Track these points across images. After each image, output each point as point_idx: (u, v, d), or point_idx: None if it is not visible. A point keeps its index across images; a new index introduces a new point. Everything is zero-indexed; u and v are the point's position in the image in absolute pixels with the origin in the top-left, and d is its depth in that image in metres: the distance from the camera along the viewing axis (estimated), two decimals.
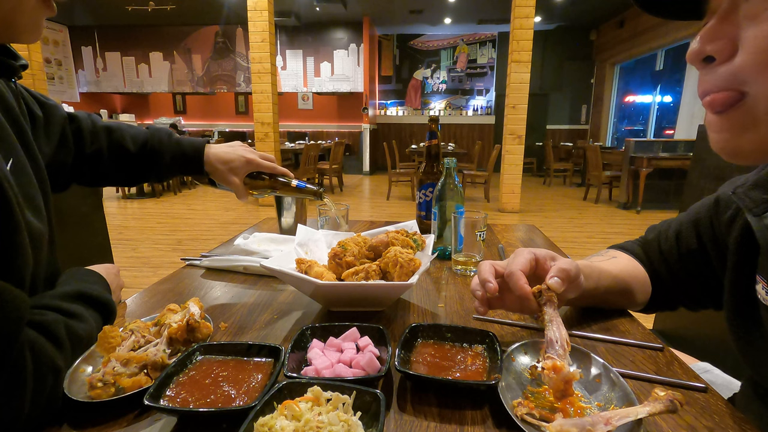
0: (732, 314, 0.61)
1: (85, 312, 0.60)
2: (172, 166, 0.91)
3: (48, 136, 0.75)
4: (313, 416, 0.43)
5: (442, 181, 1.07)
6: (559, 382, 0.48)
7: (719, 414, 0.51)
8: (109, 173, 0.88)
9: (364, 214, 5.84)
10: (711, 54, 0.41)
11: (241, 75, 10.65)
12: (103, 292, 0.66)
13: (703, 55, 0.42)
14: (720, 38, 0.40)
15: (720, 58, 0.41)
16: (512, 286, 0.61)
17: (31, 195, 0.60)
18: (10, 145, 0.60)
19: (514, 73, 5.62)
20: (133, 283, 3.12)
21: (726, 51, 0.40)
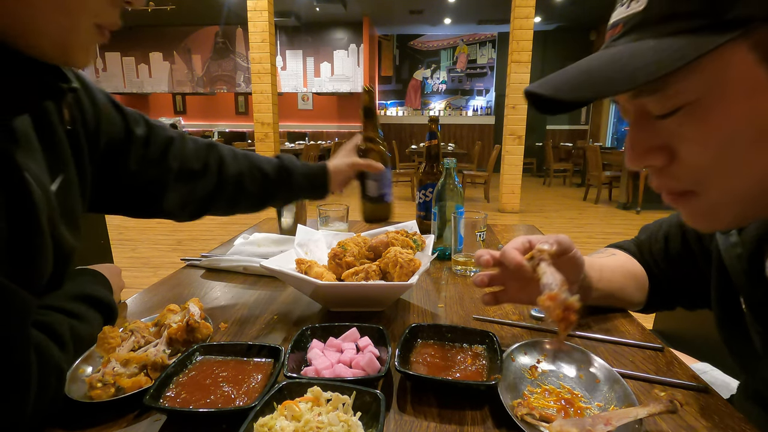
0: (720, 320, 0.62)
1: (88, 313, 0.60)
2: (302, 185, 0.99)
3: (145, 155, 0.79)
4: (313, 416, 0.43)
5: (442, 182, 1.07)
6: (558, 309, 0.47)
7: (719, 414, 0.51)
8: (247, 196, 0.95)
9: None
10: (650, 166, 0.43)
11: (241, 75, 10.65)
12: (106, 294, 0.67)
13: (643, 167, 0.43)
14: (650, 151, 0.42)
15: (661, 165, 0.42)
16: (506, 261, 0.60)
17: (72, 211, 0.63)
18: (62, 162, 0.62)
19: (514, 73, 5.62)
20: (133, 284, 3.11)
21: (662, 159, 0.41)
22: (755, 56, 0.34)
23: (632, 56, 0.36)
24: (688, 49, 0.34)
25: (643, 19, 0.37)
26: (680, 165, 0.40)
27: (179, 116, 11.34)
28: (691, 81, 0.36)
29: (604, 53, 0.39)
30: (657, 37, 0.36)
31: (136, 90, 10.96)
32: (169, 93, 11.17)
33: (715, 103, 0.36)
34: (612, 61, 0.37)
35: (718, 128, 0.37)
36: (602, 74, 0.37)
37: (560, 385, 0.55)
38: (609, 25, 0.41)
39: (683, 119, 0.38)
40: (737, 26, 0.33)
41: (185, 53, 10.69)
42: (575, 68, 0.40)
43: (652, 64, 0.34)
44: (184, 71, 10.77)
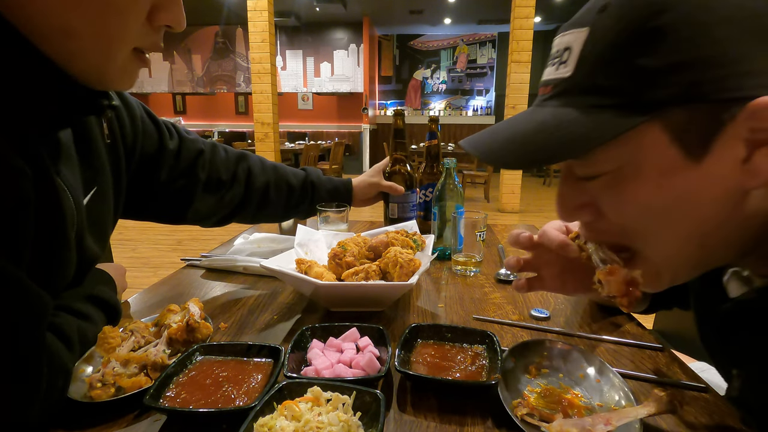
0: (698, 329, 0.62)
1: (95, 314, 0.60)
2: (325, 200, 1.06)
3: (175, 166, 0.83)
4: (313, 416, 0.43)
5: (442, 182, 1.07)
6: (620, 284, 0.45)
7: (719, 414, 0.51)
8: (272, 207, 0.99)
9: (364, 214, 5.83)
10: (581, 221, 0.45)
11: (241, 75, 10.65)
12: (112, 296, 0.67)
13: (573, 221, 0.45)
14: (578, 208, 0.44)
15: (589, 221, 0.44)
16: (548, 241, 0.55)
17: (102, 222, 0.66)
18: (98, 174, 0.65)
19: (514, 73, 5.61)
20: (133, 283, 3.10)
21: (590, 215, 0.44)
22: (668, 136, 0.36)
23: (556, 129, 0.38)
24: (607, 128, 0.36)
25: (568, 87, 0.39)
26: (606, 222, 0.43)
27: (179, 116, 11.34)
28: (609, 154, 0.38)
29: (532, 119, 0.41)
30: (580, 108, 0.38)
31: (136, 90, 10.94)
32: (169, 93, 11.16)
33: (631, 176, 0.39)
34: (538, 131, 0.39)
35: (633, 199, 0.39)
36: (527, 147, 0.39)
37: (560, 385, 0.55)
38: (541, 82, 0.44)
39: (603, 185, 0.41)
40: (653, 107, 0.35)
41: (185, 53, 10.68)
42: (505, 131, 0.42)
43: (572, 142, 0.37)
44: (184, 71, 10.77)
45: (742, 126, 0.34)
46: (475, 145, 0.43)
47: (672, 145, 0.36)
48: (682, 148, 0.36)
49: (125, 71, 0.51)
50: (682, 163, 0.36)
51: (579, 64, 0.38)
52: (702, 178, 0.36)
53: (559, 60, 0.40)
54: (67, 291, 0.59)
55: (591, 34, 0.37)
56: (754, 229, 0.39)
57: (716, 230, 0.39)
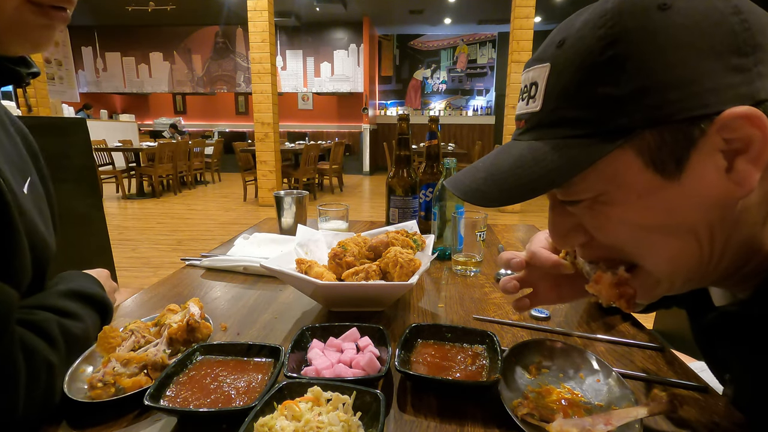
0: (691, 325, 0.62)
1: (81, 310, 0.60)
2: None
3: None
4: (313, 416, 0.43)
5: (442, 182, 1.07)
6: (610, 289, 0.45)
7: (719, 414, 0.51)
8: None
9: (364, 214, 5.83)
10: (575, 247, 0.46)
11: (241, 75, 10.65)
12: (97, 291, 0.66)
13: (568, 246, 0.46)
14: (570, 232, 0.45)
15: (583, 243, 0.45)
16: (539, 262, 0.56)
17: (42, 209, 0.63)
18: (27, 165, 0.63)
19: (514, 73, 5.61)
20: (133, 283, 3.11)
21: (582, 237, 0.45)
22: (642, 160, 0.37)
23: (534, 162, 0.39)
24: (579, 158, 0.37)
25: (539, 121, 0.40)
26: (596, 243, 0.44)
27: (179, 116, 11.34)
28: (587, 182, 0.39)
29: (510, 154, 0.42)
30: (553, 140, 0.39)
31: (137, 90, 10.96)
32: (169, 93, 11.17)
33: (611, 200, 0.40)
34: (516, 167, 0.40)
35: (615, 223, 0.40)
36: (508, 183, 0.40)
37: (560, 385, 0.55)
38: (516, 116, 0.45)
39: (586, 210, 0.42)
40: (621, 134, 0.36)
41: (185, 53, 10.68)
42: (485, 169, 0.43)
43: (550, 174, 0.38)
44: (184, 71, 10.77)
45: (715, 138, 0.35)
46: (457, 185, 0.45)
47: (646, 168, 0.37)
48: (657, 170, 0.37)
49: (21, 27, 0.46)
50: (660, 183, 0.37)
51: (546, 98, 0.39)
52: (684, 195, 0.37)
53: (528, 95, 0.42)
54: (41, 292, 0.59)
55: (552, 69, 0.39)
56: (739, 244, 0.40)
57: (705, 244, 0.40)
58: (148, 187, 7.13)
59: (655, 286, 0.44)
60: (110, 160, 6.91)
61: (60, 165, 1.94)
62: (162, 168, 6.72)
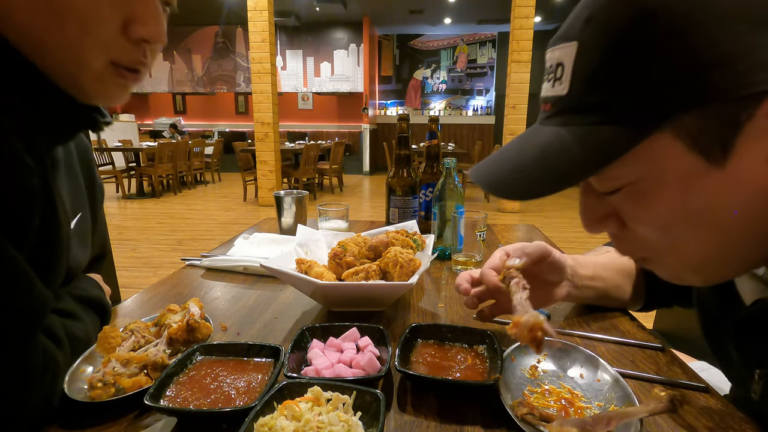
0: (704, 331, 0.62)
1: (81, 311, 0.60)
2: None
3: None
4: (313, 416, 0.43)
5: (442, 181, 1.07)
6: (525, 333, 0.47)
7: (719, 414, 0.51)
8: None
9: (364, 214, 5.83)
10: (605, 231, 0.44)
11: (241, 75, 10.65)
12: (96, 293, 0.67)
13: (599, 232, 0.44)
14: (602, 219, 0.43)
15: (615, 232, 0.43)
16: (485, 282, 0.64)
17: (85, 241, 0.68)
18: (81, 200, 0.68)
19: (514, 73, 5.61)
20: (133, 283, 3.11)
21: (615, 226, 0.42)
22: (684, 144, 0.34)
23: (562, 151, 0.36)
24: (614, 145, 0.34)
25: (567, 105, 0.37)
26: (631, 233, 0.41)
27: (179, 116, 11.34)
28: (625, 167, 0.36)
29: (536, 141, 0.39)
30: (583, 126, 0.36)
31: (136, 90, 10.84)
32: (169, 93, 11.16)
33: (651, 187, 0.37)
34: (543, 158, 0.38)
35: (656, 210, 0.38)
36: (535, 175, 0.38)
37: (560, 384, 0.55)
38: (540, 98, 0.42)
39: (623, 199, 0.39)
40: (660, 118, 0.33)
41: (185, 53, 10.68)
42: (510, 160, 0.41)
43: (579, 166, 0.35)
44: (184, 71, 10.76)
45: (764, 122, 0.31)
46: (481, 177, 0.42)
47: (690, 153, 0.34)
48: (701, 154, 0.34)
49: (103, 85, 0.50)
50: (704, 169, 0.34)
51: (573, 80, 0.36)
52: (728, 182, 0.34)
53: (553, 76, 0.38)
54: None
55: (580, 48, 0.35)
56: None
57: (746, 233, 0.37)
58: (148, 187, 7.13)
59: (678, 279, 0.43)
60: (110, 160, 6.91)
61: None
62: (162, 168, 6.72)
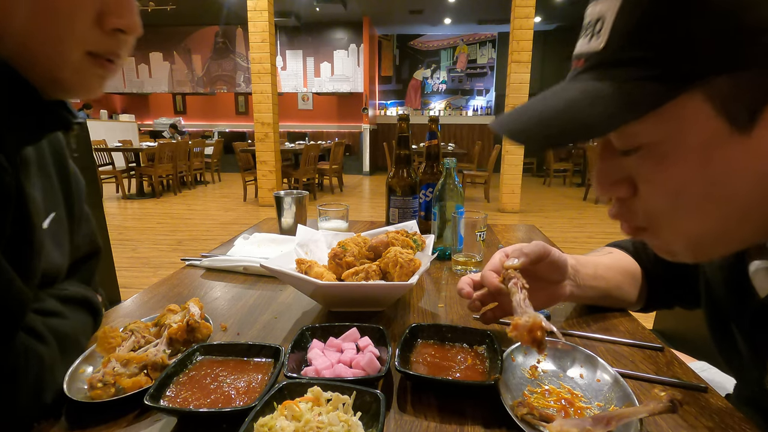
0: (710, 326, 0.62)
1: (64, 309, 0.60)
2: None
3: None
4: (313, 416, 0.43)
5: (442, 182, 1.07)
6: (525, 334, 0.48)
7: (719, 414, 0.51)
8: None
9: (364, 214, 5.83)
10: (616, 198, 0.44)
11: (241, 75, 10.65)
12: (79, 291, 0.65)
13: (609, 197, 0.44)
14: (616, 183, 0.42)
15: (625, 197, 0.43)
16: (486, 285, 0.64)
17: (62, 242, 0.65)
18: (54, 200, 0.64)
19: (514, 73, 5.61)
20: (133, 283, 3.11)
21: (626, 191, 0.42)
22: (712, 107, 0.34)
23: (589, 104, 0.36)
24: (644, 100, 0.34)
25: (602, 60, 0.37)
26: (639, 201, 0.41)
27: (179, 116, 11.35)
28: (648, 125, 0.36)
29: (563, 95, 0.39)
30: (615, 81, 0.36)
31: (136, 90, 10.96)
32: (169, 93, 11.17)
33: (672, 150, 0.37)
34: (569, 109, 0.37)
35: (672, 174, 0.37)
36: (559, 123, 0.37)
37: (560, 385, 0.55)
38: (573, 54, 0.42)
39: (641, 159, 0.39)
40: (694, 78, 0.33)
41: (185, 53, 10.69)
42: (535, 109, 0.40)
43: (606, 117, 0.35)
44: (184, 71, 10.77)
45: None
46: (502, 126, 0.41)
47: (716, 117, 0.34)
48: (728, 119, 0.33)
49: (81, 76, 0.50)
50: (727, 135, 0.34)
51: (612, 35, 0.36)
52: (749, 152, 0.34)
53: (591, 31, 0.38)
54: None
55: (625, 3, 0.35)
56: None
57: (758, 207, 0.37)
58: (148, 187, 7.13)
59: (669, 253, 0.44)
60: (110, 160, 6.91)
61: None
62: (162, 168, 6.72)
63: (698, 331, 1.18)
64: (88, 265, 0.73)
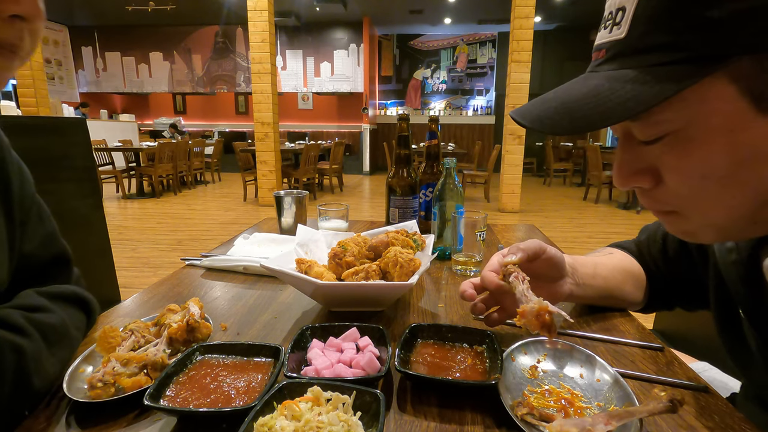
0: (719, 326, 0.62)
1: (50, 304, 0.59)
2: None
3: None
4: (313, 416, 0.43)
5: (442, 181, 1.07)
6: (533, 320, 0.48)
7: (719, 414, 0.51)
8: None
9: (364, 214, 5.83)
10: (638, 187, 0.43)
11: (241, 75, 10.65)
12: (68, 288, 0.64)
13: (629, 188, 0.44)
14: (636, 174, 0.42)
15: (647, 188, 0.43)
16: (486, 285, 0.64)
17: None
18: None
19: (514, 73, 5.61)
20: (133, 283, 3.11)
21: (648, 182, 0.42)
22: (736, 89, 0.34)
23: (612, 90, 0.37)
24: (666, 85, 0.34)
25: (623, 48, 0.37)
26: (664, 190, 0.41)
27: (179, 116, 11.34)
28: (672, 112, 0.36)
29: (584, 84, 0.40)
30: (637, 68, 0.36)
31: (136, 90, 10.96)
32: (169, 93, 11.17)
33: (697, 134, 0.36)
34: (592, 95, 0.38)
35: (698, 158, 0.37)
36: (581, 111, 0.38)
37: (560, 385, 0.55)
38: (594, 46, 0.42)
39: (665, 148, 0.39)
40: (718, 60, 0.33)
41: (185, 53, 10.68)
42: (556, 102, 0.41)
43: (630, 101, 0.35)
44: (184, 71, 10.77)
45: None
46: (524, 114, 0.42)
47: (741, 99, 0.34)
48: (753, 100, 0.34)
49: None
50: (752, 117, 0.34)
51: (634, 23, 0.36)
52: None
53: (612, 22, 0.38)
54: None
55: None
56: None
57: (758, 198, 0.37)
58: (148, 187, 7.13)
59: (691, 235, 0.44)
60: (110, 160, 6.91)
61: (60, 165, 1.94)
62: (162, 168, 6.72)
63: (698, 331, 1.19)
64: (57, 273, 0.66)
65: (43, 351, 0.52)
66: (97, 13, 9.54)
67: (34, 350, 0.51)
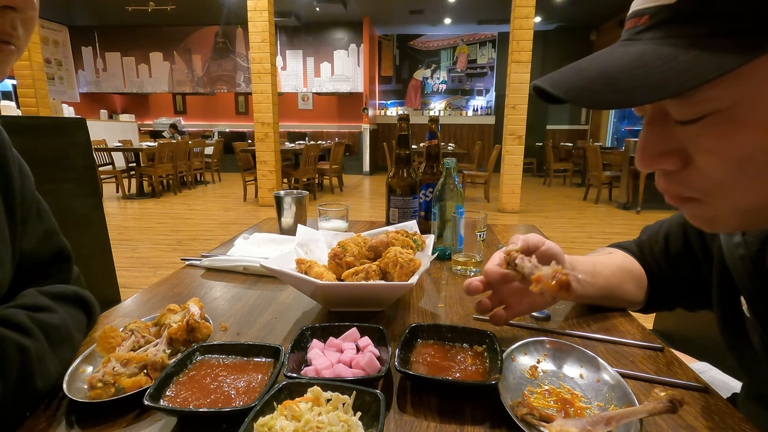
0: (722, 323, 0.62)
1: (52, 304, 0.59)
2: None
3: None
4: (313, 416, 0.43)
5: (442, 182, 1.07)
6: (549, 282, 0.48)
7: (719, 414, 0.51)
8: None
9: (364, 214, 5.83)
10: (664, 170, 0.40)
11: (241, 75, 10.65)
12: (69, 288, 0.64)
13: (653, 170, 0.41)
14: (663, 155, 0.39)
15: (673, 170, 0.39)
16: (490, 278, 0.64)
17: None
18: None
19: (514, 73, 5.61)
20: (133, 283, 3.11)
21: (675, 164, 0.39)
22: None
23: (664, 60, 0.33)
24: (726, 58, 0.30)
25: (674, 15, 0.33)
26: (692, 173, 0.38)
27: (179, 116, 11.35)
28: (722, 89, 0.33)
29: (626, 52, 0.35)
30: (690, 37, 0.32)
31: (136, 90, 10.96)
32: (169, 93, 11.17)
33: (744, 115, 0.33)
34: (637, 66, 0.34)
35: (741, 142, 0.34)
36: (627, 83, 0.34)
37: (560, 385, 0.55)
38: (631, 12, 0.37)
39: (705, 129, 0.35)
40: None
41: (185, 53, 10.69)
42: (594, 70, 0.36)
43: (685, 73, 0.31)
44: (184, 71, 10.77)
45: None
46: (556, 83, 0.37)
47: None
48: None
49: None
50: None
51: None
52: None
53: None
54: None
55: None
56: None
57: None
58: (148, 187, 7.13)
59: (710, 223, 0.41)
60: (110, 160, 6.91)
61: (60, 165, 1.94)
62: (162, 168, 6.72)
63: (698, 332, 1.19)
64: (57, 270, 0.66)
65: (46, 351, 0.52)
66: (97, 13, 9.54)
67: (37, 350, 0.51)
